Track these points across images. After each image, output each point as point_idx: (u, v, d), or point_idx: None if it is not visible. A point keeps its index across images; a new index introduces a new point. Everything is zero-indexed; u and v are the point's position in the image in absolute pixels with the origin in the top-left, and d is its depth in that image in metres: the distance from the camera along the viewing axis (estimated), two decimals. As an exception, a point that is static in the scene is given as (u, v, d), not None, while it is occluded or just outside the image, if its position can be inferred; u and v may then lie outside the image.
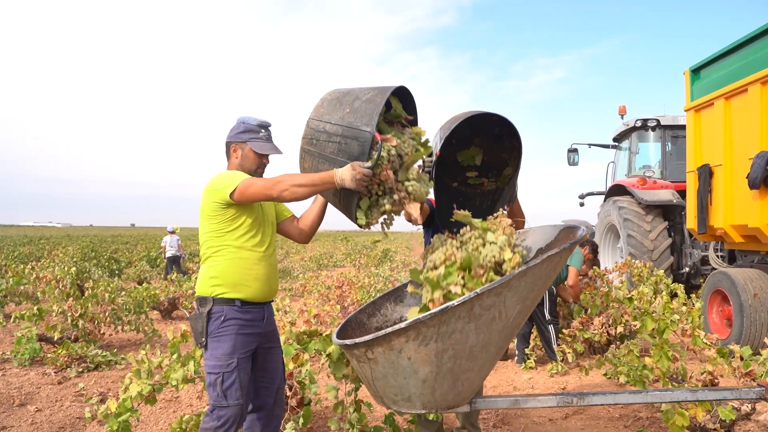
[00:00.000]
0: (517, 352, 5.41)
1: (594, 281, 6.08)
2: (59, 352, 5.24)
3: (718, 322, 5.83)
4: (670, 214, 8.53)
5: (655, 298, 5.80)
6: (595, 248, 6.27)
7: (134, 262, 17.25)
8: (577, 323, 5.11)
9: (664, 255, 8.10)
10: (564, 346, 5.05)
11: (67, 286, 8.25)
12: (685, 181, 6.41)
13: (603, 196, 10.10)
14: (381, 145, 2.06)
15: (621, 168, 10.07)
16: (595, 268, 6.27)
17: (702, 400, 2.37)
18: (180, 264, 13.89)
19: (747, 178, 4.89)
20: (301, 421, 3.09)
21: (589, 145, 10.63)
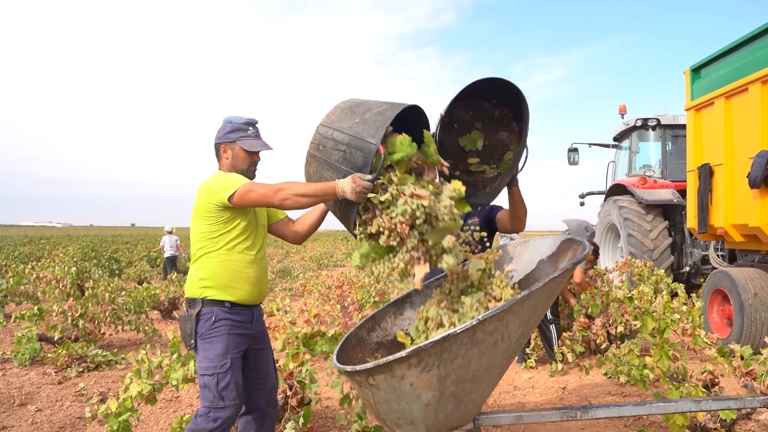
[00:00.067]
0: None
1: (594, 281, 6.07)
2: (59, 351, 5.24)
3: (718, 322, 5.83)
4: (671, 213, 8.53)
5: (655, 298, 5.79)
6: (597, 249, 6.26)
7: (134, 262, 17.26)
8: (578, 326, 5.10)
9: (664, 254, 8.10)
10: (564, 348, 5.05)
11: (67, 286, 8.25)
12: (686, 181, 6.40)
13: (603, 196, 10.09)
14: (384, 158, 2.03)
15: (621, 167, 10.06)
16: (596, 267, 6.27)
17: (706, 410, 2.36)
18: (176, 264, 13.82)
19: (747, 177, 4.89)
20: (302, 421, 3.09)
21: (590, 145, 10.62)
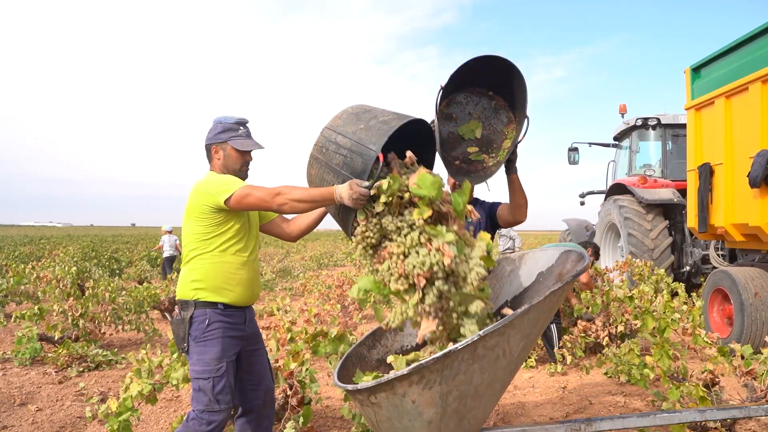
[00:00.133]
0: None
1: (595, 280, 6.07)
2: (60, 351, 5.24)
3: (718, 321, 5.83)
4: (671, 212, 8.53)
5: (655, 297, 5.79)
6: (597, 250, 6.26)
7: (135, 262, 17.25)
8: (579, 331, 5.09)
9: (664, 254, 8.10)
10: (564, 351, 5.05)
11: (67, 286, 8.26)
12: (686, 180, 6.40)
13: (603, 195, 10.10)
14: (381, 167, 2.03)
15: (621, 167, 10.06)
16: (596, 266, 6.27)
17: (710, 419, 2.37)
18: (175, 264, 13.73)
19: (748, 176, 4.89)
20: (302, 420, 3.09)
21: (590, 144, 10.63)
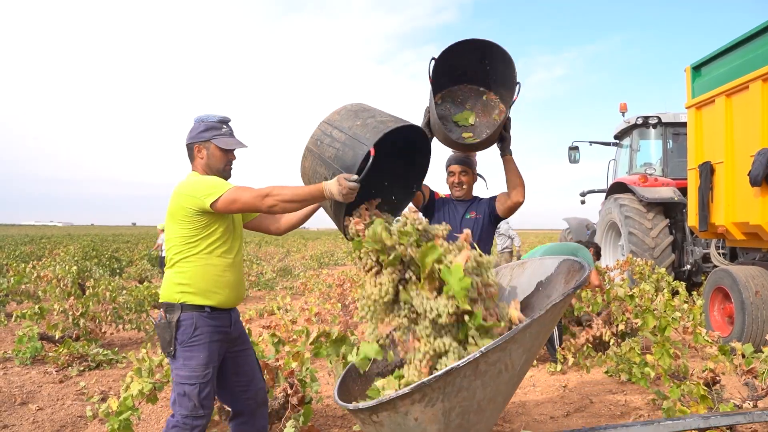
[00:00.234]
0: None
1: (595, 279, 6.08)
2: (60, 350, 5.24)
3: (719, 320, 5.82)
4: (672, 211, 8.53)
5: (656, 296, 5.80)
6: (599, 250, 6.26)
7: (135, 261, 17.25)
8: (583, 340, 5.09)
9: (665, 252, 8.10)
10: (567, 353, 5.04)
11: (68, 285, 8.26)
12: (687, 179, 6.40)
13: (604, 194, 10.09)
14: (371, 159, 2.06)
15: (622, 165, 10.06)
16: (597, 265, 6.28)
17: (714, 426, 2.37)
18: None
19: (748, 175, 4.88)
20: (302, 419, 3.09)
21: (590, 143, 10.62)
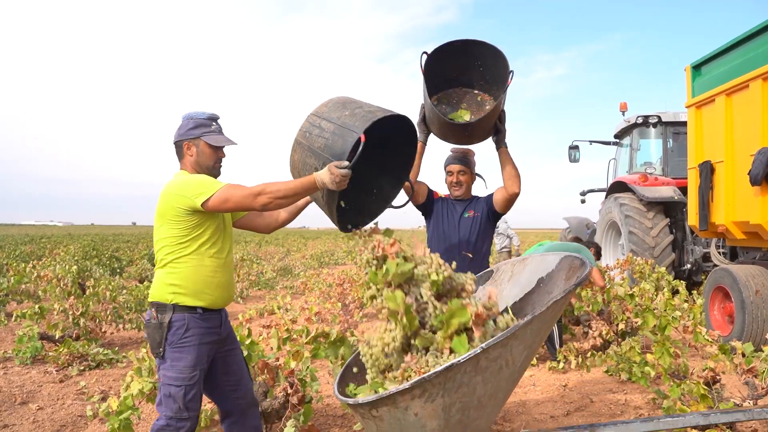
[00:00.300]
0: None
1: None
2: (61, 350, 5.24)
3: (719, 319, 5.82)
4: (672, 210, 8.52)
5: (656, 295, 5.80)
6: (599, 250, 6.26)
7: (135, 261, 17.23)
8: (589, 345, 5.08)
9: (665, 252, 8.09)
10: (569, 354, 5.04)
11: (68, 285, 8.25)
12: (687, 178, 6.40)
13: (604, 193, 10.09)
14: (361, 146, 2.09)
15: (622, 165, 10.05)
16: (597, 264, 6.28)
17: (714, 423, 2.37)
18: None
19: (748, 174, 4.88)
20: (302, 419, 3.09)
21: (590, 142, 10.62)
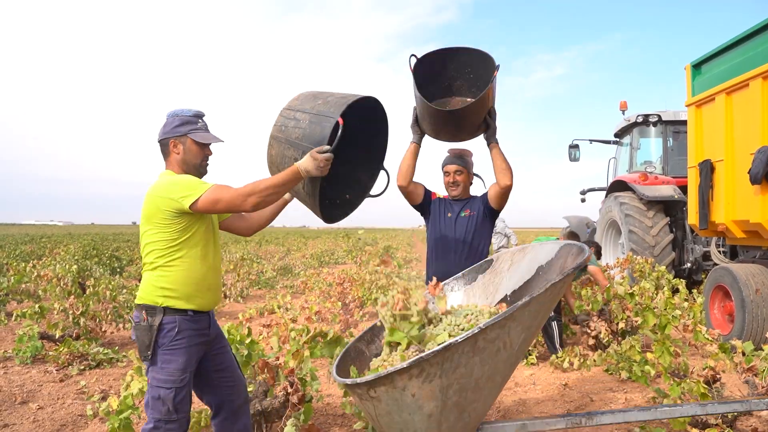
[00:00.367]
0: None
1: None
2: (61, 349, 5.24)
3: (719, 318, 5.82)
4: (672, 209, 8.52)
5: (656, 294, 5.80)
6: (599, 249, 6.26)
7: (135, 260, 17.23)
8: (585, 347, 5.08)
9: (665, 251, 8.09)
10: (572, 356, 5.04)
11: (68, 284, 8.26)
12: (687, 177, 6.39)
13: (604, 192, 10.08)
14: (340, 130, 2.15)
15: (622, 164, 10.05)
16: (598, 263, 6.29)
17: (711, 413, 2.37)
18: None
19: (748, 173, 4.88)
20: (302, 418, 3.09)
21: (590, 141, 10.61)
